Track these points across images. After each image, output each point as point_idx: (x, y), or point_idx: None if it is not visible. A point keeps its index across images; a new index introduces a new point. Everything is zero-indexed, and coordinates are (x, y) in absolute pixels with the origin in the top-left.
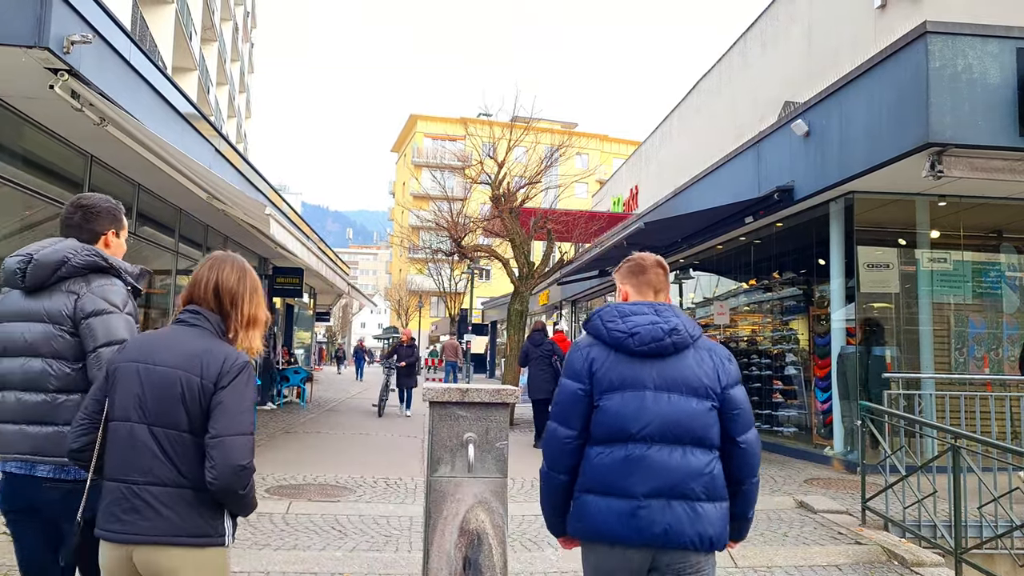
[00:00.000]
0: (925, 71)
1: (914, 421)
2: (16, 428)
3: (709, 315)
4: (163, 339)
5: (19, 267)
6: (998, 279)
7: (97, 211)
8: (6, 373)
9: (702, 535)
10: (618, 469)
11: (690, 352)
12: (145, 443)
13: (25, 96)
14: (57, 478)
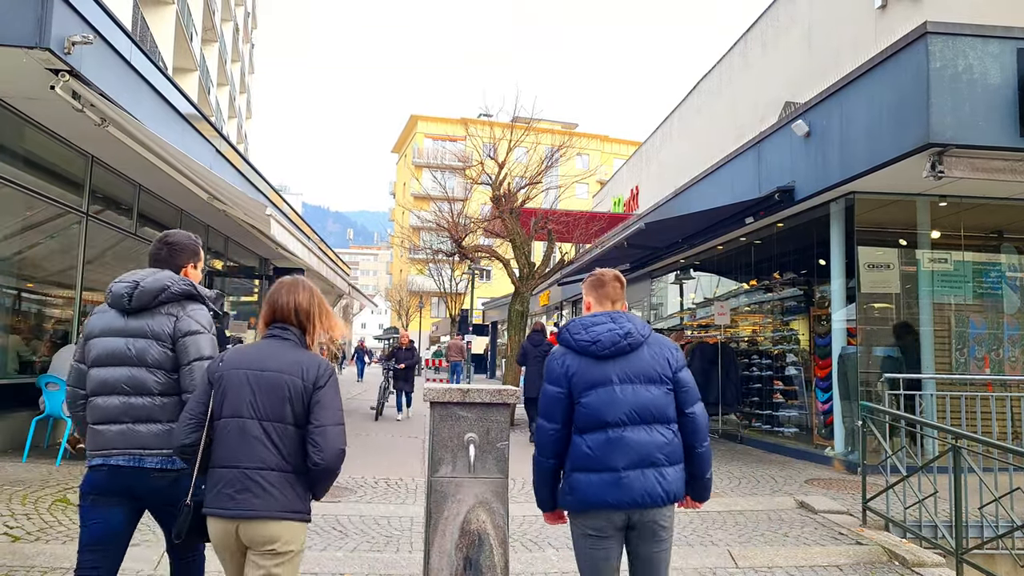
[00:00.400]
0: (926, 71)
1: (915, 421)
2: (122, 427)
3: (710, 315)
4: (265, 350)
5: (127, 292)
6: (999, 279)
7: (181, 247)
8: (112, 380)
9: (667, 492)
10: (601, 450)
11: (644, 348)
12: (256, 435)
13: (26, 97)
14: (164, 468)
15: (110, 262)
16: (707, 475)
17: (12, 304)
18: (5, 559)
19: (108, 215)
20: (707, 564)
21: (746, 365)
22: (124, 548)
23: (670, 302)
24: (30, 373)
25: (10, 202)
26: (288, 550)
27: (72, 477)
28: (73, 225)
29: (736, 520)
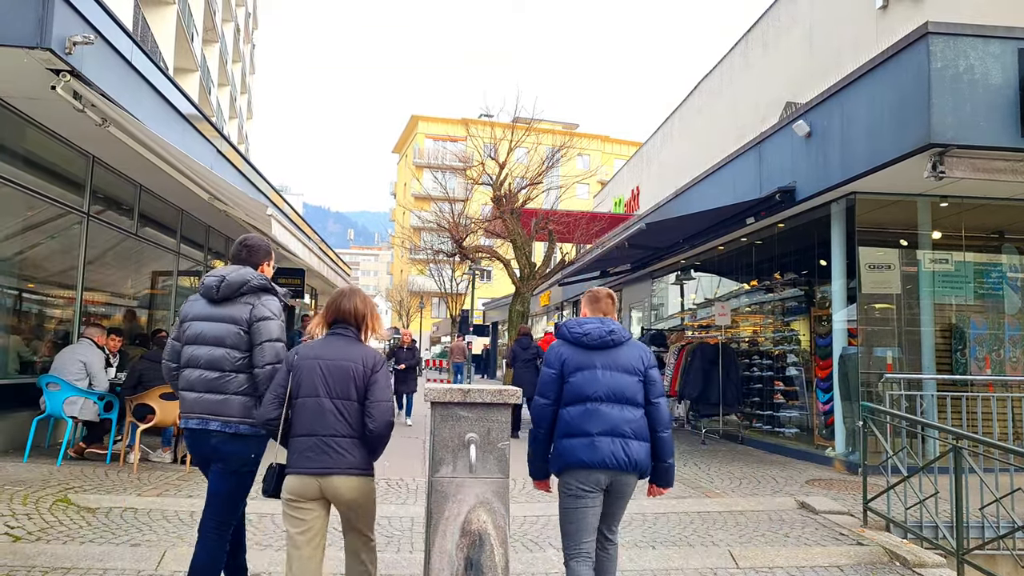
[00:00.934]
0: (927, 72)
1: (916, 422)
2: (196, 395)
3: (710, 316)
4: (332, 344)
5: (215, 284)
6: (1000, 280)
7: (256, 248)
8: (196, 356)
9: (629, 458)
10: (581, 418)
11: (624, 347)
12: (330, 410)
13: (27, 97)
14: (221, 431)
15: (111, 262)
16: (669, 460)
17: (13, 304)
18: (6, 559)
19: (109, 215)
20: (708, 564)
21: (747, 365)
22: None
23: (671, 302)
24: (31, 373)
25: (11, 202)
26: (362, 499)
27: (73, 477)
28: (74, 225)
29: (737, 520)
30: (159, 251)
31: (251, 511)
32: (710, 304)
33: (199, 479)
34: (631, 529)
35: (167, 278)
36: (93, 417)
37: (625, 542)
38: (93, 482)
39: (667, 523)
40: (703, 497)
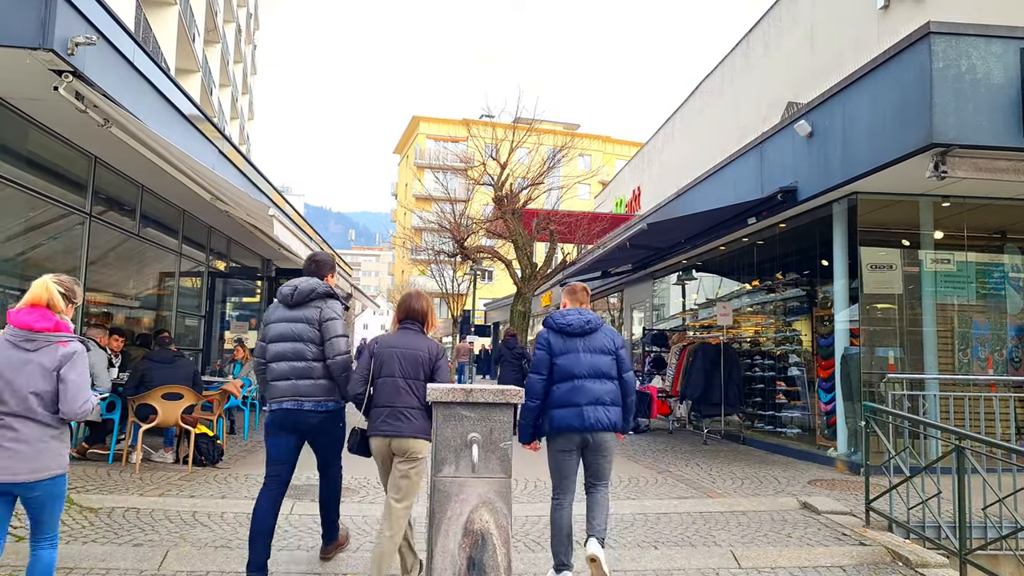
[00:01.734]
0: (929, 71)
1: (918, 422)
2: (290, 383)
3: (712, 316)
4: (405, 336)
5: (290, 292)
6: (1002, 280)
7: (323, 263)
8: (283, 351)
9: (609, 420)
10: (570, 393)
11: (599, 332)
12: (403, 387)
13: (30, 98)
14: (315, 410)
15: (113, 263)
16: (631, 416)
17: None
18: (8, 559)
19: (111, 216)
20: (710, 565)
21: (748, 366)
22: (294, 465)
23: (672, 303)
24: None
25: (13, 203)
26: (420, 457)
27: (75, 477)
28: (76, 226)
29: (739, 521)
30: (161, 252)
31: None
32: (712, 304)
33: (201, 480)
34: (633, 529)
35: (169, 278)
36: (95, 417)
37: (627, 542)
38: (95, 482)
39: (669, 523)
40: (705, 497)
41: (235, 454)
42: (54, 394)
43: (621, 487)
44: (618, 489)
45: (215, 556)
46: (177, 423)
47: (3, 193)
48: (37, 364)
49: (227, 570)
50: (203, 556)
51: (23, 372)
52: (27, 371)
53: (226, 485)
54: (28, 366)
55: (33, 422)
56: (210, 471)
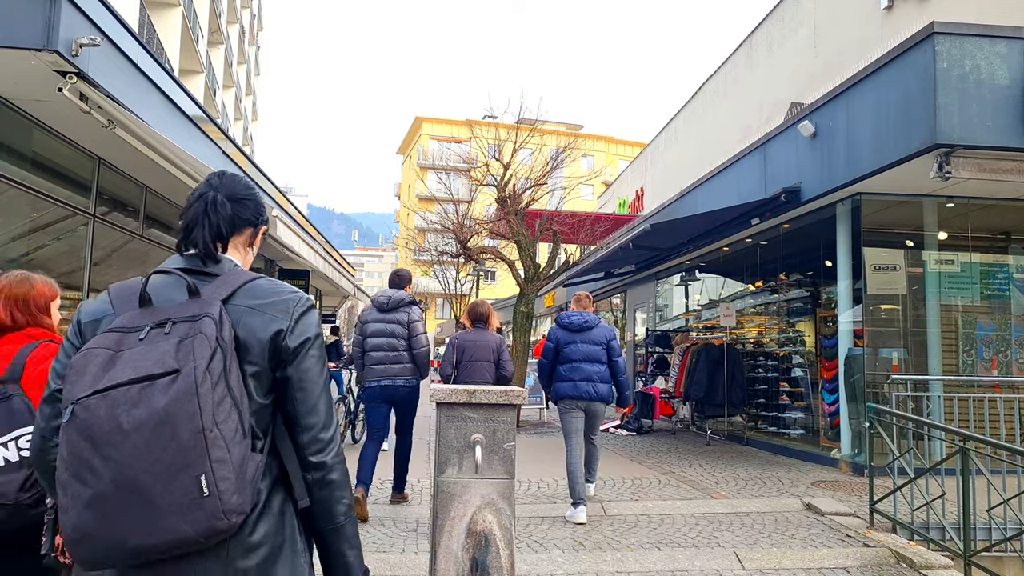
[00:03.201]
0: (932, 72)
1: (922, 423)
2: (384, 366)
3: (715, 317)
4: (477, 332)
5: (385, 300)
6: (1006, 281)
7: (405, 278)
8: (379, 344)
9: (598, 393)
10: (569, 372)
11: (595, 329)
12: (481, 368)
13: (34, 99)
14: (404, 385)
15: (117, 263)
16: (626, 393)
17: None
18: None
19: (115, 216)
20: (713, 566)
21: (752, 367)
22: (388, 425)
23: (675, 303)
24: None
25: (18, 204)
26: None
27: None
28: (80, 227)
29: (743, 522)
30: (165, 252)
31: None
32: (715, 305)
33: None
34: (637, 531)
35: None
36: None
37: (631, 543)
38: None
39: (673, 524)
40: (708, 499)
41: None
42: None
43: (624, 488)
44: (621, 490)
45: None
46: None
47: (7, 194)
48: None
49: None
50: None
51: None
52: None
53: None
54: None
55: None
56: None
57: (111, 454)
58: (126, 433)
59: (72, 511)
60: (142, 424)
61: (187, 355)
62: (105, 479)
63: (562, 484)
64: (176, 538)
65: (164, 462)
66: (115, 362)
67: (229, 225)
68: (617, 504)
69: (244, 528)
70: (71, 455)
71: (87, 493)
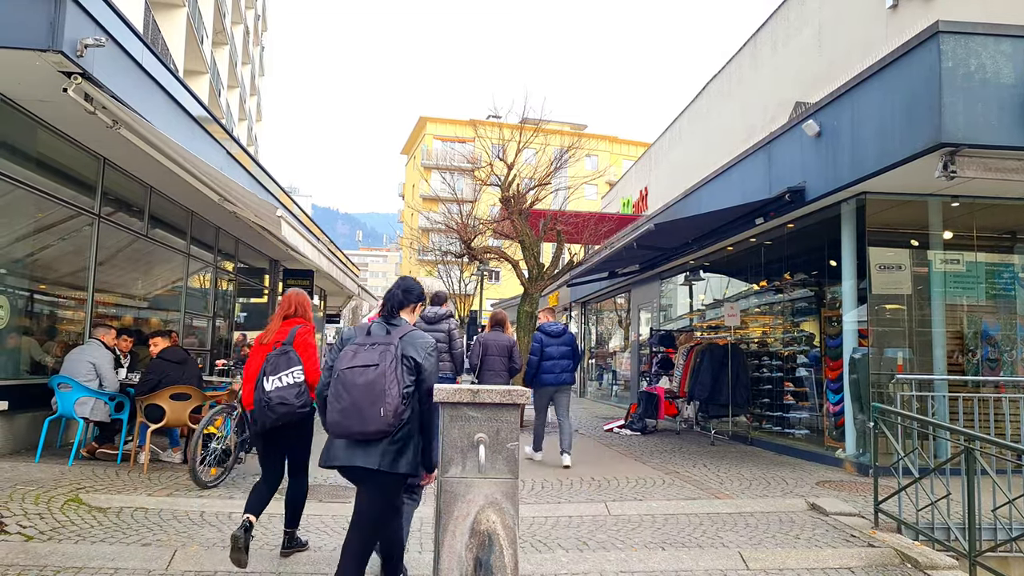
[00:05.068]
0: (938, 71)
1: (927, 423)
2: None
3: (719, 317)
4: (495, 334)
5: (433, 316)
6: (1012, 280)
7: (444, 297)
8: None
9: (567, 380)
10: (549, 366)
11: (566, 334)
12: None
13: (39, 99)
14: (444, 379)
15: (121, 264)
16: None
17: (25, 305)
18: (18, 558)
19: (120, 217)
20: (717, 566)
21: (756, 367)
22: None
23: (680, 303)
24: (42, 374)
25: (23, 204)
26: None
27: (84, 477)
28: (85, 227)
29: (747, 522)
30: (169, 252)
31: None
32: (719, 305)
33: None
34: (641, 530)
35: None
36: (104, 418)
37: (635, 543)
38: (104, 482)
39: (677, 524)
40: (713, 498)
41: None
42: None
43: (628, 488)
44: (625, 490)
45: (223, 556)
46: (185, 423)
47: (13, 194)
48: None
49: (234, 570)
50: (211, 556)
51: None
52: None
53: (234, 486)
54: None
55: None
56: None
57: (350, 392)
58: (357, 385)
59: (333, 413)
60: (362, 383)
61: (382, 358)
62: (347, 402)
63: (565, 484)
64: (370, 430)
65: (369, 399)
66: (355, 357)
67: (400, 304)
68: (621, 504)
69: (394, 431)
70: (334, 390)
71: (339, 406)
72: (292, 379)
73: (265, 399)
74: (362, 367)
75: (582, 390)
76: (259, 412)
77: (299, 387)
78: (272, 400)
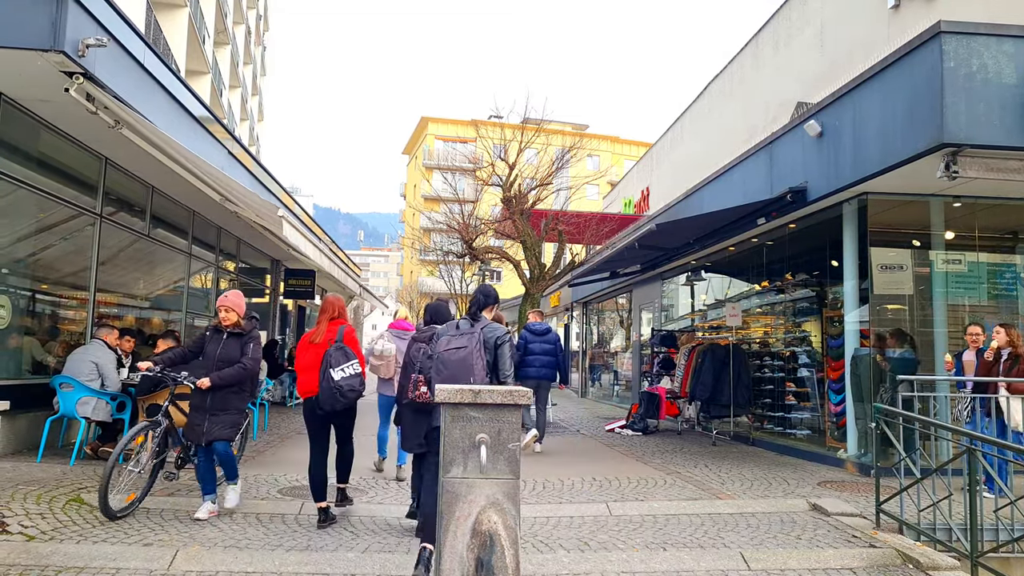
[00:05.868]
0: (939, 71)
1: (929, 423)
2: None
3: (721, 317)
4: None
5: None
6: (1013, 280)
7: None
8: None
9: (548, 375)
10: (531, 360)
11: (550, 332)
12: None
13: (41, 99)
14: None
15: (123, 263)
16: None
17: (27, 305)
18: (20, 558)
19: (122, 217)
20: (719, 566)
21: (758, 367)
22: None
23: (681, 303)
24: (45, 374)
25: (25, 204)
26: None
27: (86, 477)
28: (87, 227)
29: (748, 522)
30: (171, 252)
31: (264, 511)
32: (721, 305)
33: None
34: (642, 531)
35: (179, 279)
36: (106, 417)
37: (636, 543)
38: None
39: (678, 525)
40: (714, 499)
41: (245, 454)
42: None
43: (630, 488)
44: (626, 490)
45: (224, 556)
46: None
47: (15, 194)
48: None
49: (236, 570)
50: (212, 556)
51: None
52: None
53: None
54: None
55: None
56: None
57: (448, 367)
58: (452, 362)
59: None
60: (456, 360)
61: (469, 341)
62: (445, 375)
63: (566, 484)
64: None
65: (462, 372)
66: (450, 343)
67: (482, 305)
68: (623, 504)
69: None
70: (435, 366)
71: (439, 378)
72: (353, 370)
73: (335, 386)
74: (455, 348)
75: (583, 390)
76: (328, 397)
77: (359, 376)
78: (343, 387)
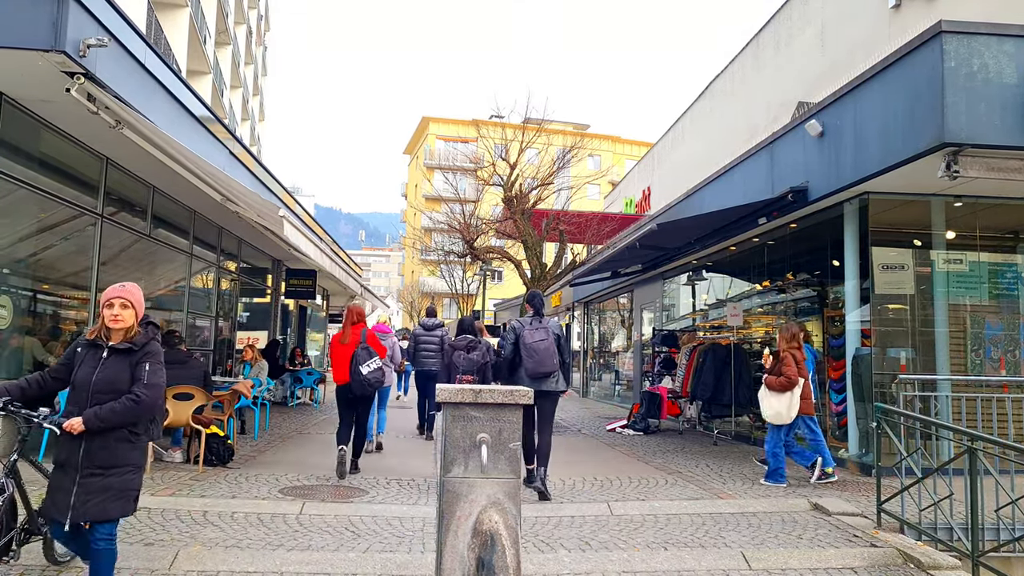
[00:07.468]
0: (940, 71)
1: (930, 423)
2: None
3: (722, 317)
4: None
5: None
6: (1015, 280)
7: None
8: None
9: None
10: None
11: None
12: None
13: (42, 99)
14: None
15: (124, 264)
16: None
17: (28, 306)
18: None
19: (123, 217)
20: (720, 566)
21: (759, 366)
22: None
23: (682, 303)
24: None
25: (26, 204)
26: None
27: None
28: (88, 227)
29: (749, 522)
30: (172, 252)
31: (265, 511)
32: (722, 305)
33: (211, 479)
34: (643, 530)
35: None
36: None
37: (637, 543)
38: None
39: (679, 524)
40: (715, 498)
41: (246, 454)
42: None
43: (631, 488)
44: (627, 490)
45: (225, 556)
46: (188, 423)
47: (16, 194)
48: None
49: (237, 570)
50: (213, 556)
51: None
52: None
53: (236, 485)
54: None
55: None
56: (220, 471)
57: (538, 352)
58: (540, 350)
59: (530, 364)
60: (543, 348)
61: (547, 334)
62: (536, 359)
63: (568, 484)
64: (549, 371)
65: (548, 355)
66: (534, 334)
67: (541, 306)
68: (624, 504)
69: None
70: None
71: (531, 362)
72: (376, 365)
73: (364, 379)
74: (541, 339)
75: (584, 390)
76: (358, 385)
77: (381, 370)
78: (370, 380)
